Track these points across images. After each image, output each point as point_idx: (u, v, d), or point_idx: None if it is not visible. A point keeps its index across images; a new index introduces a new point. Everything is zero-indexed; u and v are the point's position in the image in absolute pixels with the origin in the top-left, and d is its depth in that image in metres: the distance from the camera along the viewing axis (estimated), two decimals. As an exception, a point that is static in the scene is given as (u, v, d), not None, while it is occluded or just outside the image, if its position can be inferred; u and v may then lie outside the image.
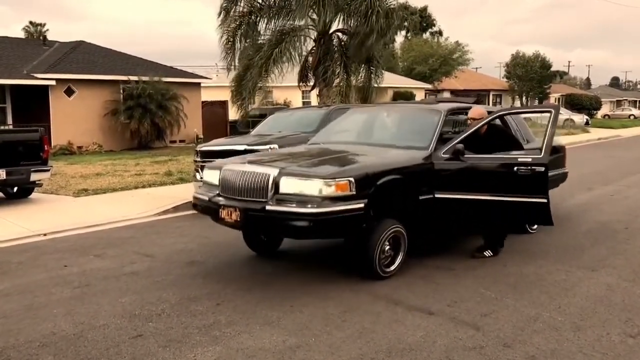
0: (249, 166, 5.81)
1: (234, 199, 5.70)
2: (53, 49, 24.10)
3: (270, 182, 5.47)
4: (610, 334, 4.44)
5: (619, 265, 6.29)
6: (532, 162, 6.04)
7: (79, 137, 21.44)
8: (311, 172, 5.49)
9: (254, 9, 20.14)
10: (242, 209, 5.51)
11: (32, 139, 10.40)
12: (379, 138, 7.12)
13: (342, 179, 5.35)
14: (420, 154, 6.28)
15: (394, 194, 5.90)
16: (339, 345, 4.27)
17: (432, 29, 58.00)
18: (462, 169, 6.23)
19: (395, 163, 6.02)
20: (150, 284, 5.81)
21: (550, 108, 6.55)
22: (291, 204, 5.33)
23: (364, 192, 5.46)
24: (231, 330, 4.56)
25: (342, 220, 5.36)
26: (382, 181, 5.64)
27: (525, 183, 6.03)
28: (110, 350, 4.20)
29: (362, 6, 19.33)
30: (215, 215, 5.80)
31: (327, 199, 5.28)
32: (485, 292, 5.42)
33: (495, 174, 6.20)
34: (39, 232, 8.43)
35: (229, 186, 5.82)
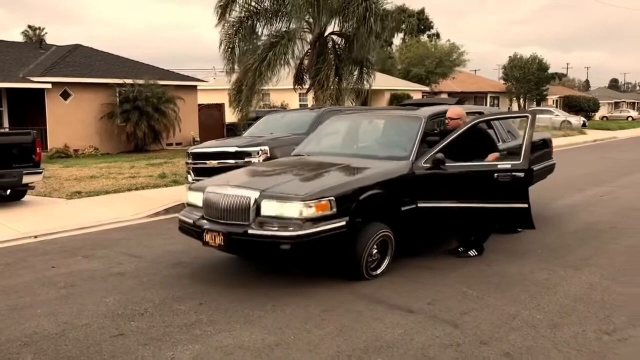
0: (231, 189, 5.77)
1: (217, 222, 5.69)
2: (50, 53, 24.18)
3: (251, 205, 5.47)
4: (587, 331, 4.49)
5: (602, 265, 6.34)
6: (512, 168, 6.08)
7: (75, 140, 21.49)
8: (291, 194, 5.45)
9: (250, 12, 20.21)
10: (225, 233, 5.50)
11: (25, 142, 10.45)
12: (360, 148, 7.15)
13: (322, 199, 5.36)
14: (401, 165, 6.30)
15: (376, 206, 5.91)
16: (317, 343, 4.31)
17: (430, 31, 58.22)
18: (443, 178, 6.25)
19: (376, 177, 6.01)
20: (136, 284, 5.85)
21: (527, 113, 6.61)
22: (273, 227, 5.33)
23: (345, 210, 5.48)
24: (212, 329, 4.60)
25: (324, 240, 5.36)
26: (363, 197, 5.67)
27: (505, 189, 6.08)
28: (91, 349, 4.25)
29: (359, 9, 19.41)
30: (200, 239, 5.79)
31: (309, 220, 5.29)
32: (467, 291, 5.46)
33: (476, 182, 6.24)
34: (29, 234, 8.48)
35: (212, 209, 5.80)
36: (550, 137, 9.72)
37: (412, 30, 56.42)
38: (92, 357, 4.12)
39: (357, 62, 21.17)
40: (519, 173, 6.07)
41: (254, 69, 19.36)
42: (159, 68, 25.37)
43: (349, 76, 21.47)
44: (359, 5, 19.43)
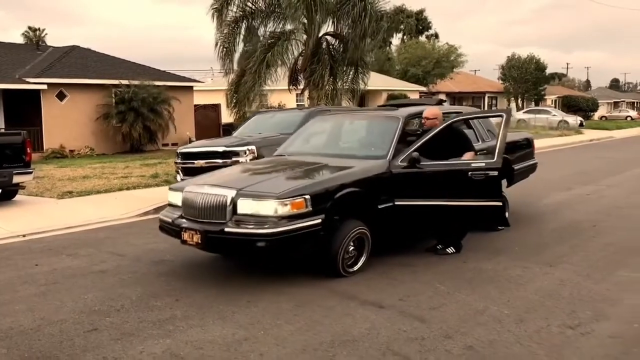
0: (208, 188, 5.86)
1: (195, 221, 5.78)
2: (46, 54, 24.31)
3: (228, 204, 5.56)
4: (551, 326, 4.58)
5: (577, 262, 6.42)
6: (485, 166, 6.17)
7: (71, 140, 21.61)
8: (266, 193, 5.54)
9: (246, 13, 20.30)
10: (202, 232, 5.59)
11: (15, 142, 10.55)
12: (339, 148, 7.24)
13: (297, 197, 5.45)
14: (378, 164, 6.38)
15: (353, 204, 6.00)
16: (286, 337, 4.41)
17: (428, 32, 58.30)
18: (419, 177, 6.34)
19: (353, 175, 6.09)
20: (116, 281, 5.95)
21: (502, 113, 6.70)
22: (249, 225, 5.42)
23: (321, 208, 5.57)
24: (185, 324, 4.70)
25: (300, 237, 5.45)
26: (339, 195, 5.75)
27: (479, 187, 6.17)
28: (64, 344, 4.34)
29: (354, 10, 19.50)
30: (179, 238, 5.88)
31: (284, 218, 5.37)
32: (440, 287, 5.55)
33: (451, 180, 6.34)
34: (17, 233, 8.58)
35: (190, 208, 5.89)
36: (532, 137, 9.81)
37: (411, 31, 56.52)
38: (64, 351, 4.21)
39: (352, 62, 21.28)
40: (493, 172, 6.17)
41: (250, 70, 19.51)
42: (155, 69, 25.48)
43: (344, 76, 21.60)
44: (354, 5, 19.54)
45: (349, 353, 4.11)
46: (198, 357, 4.08)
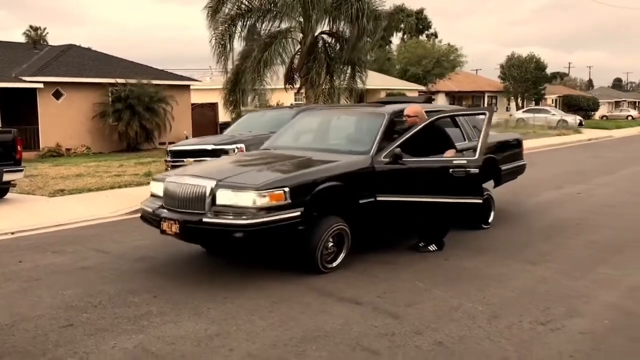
0: (188, 178, 5.90)
1: (175, 211, 5.81)
2: (43, 53, 24.37)
3: (207, 194, 5.59)
4: (523, 322, 4.59)
5: (559, 260, 6.44)
6: (466, 164, 6.19)
7: (67, 139, 21.65)
8: (245, 184, 5.58)
9: (242, 11, 20.32)
10: (180, 221, 5.62)
11: (5, 140, 10.58)
12: (324, 143, 7.25)
13: (276, 189, 5.48)
14: (360, 159, 6.40)
15: (333, 198, 6.03)
16: (258, 332, 4.43)
17: (428, 31, 58.29)
18: (401, 173, 6.35)
19: (334, 170, 6.12)
20: (97, 278, 5.97)
21: (485, 110, 6.71)
22: (228, 216, 5.45)
23: (300, 201, 5.59)
24: (159, 320, 4.72)
25: (278, 229, 5.48)
26: (319, 189, 5.77)
27: (460, 184, 6.19)
28: (37, 339, 4.36)
29: (351, 10, 19.49)
30: (159, 227, 5.91)
31: (262, 209, 5.40)
32: (418, 284, 5.57)
33: (433, 176, 6.35)
34: (6, 230, 8.59)
35: (171, 198, 5.93)
36: (521, 137, 9.79)
37: (411, 30, 56.54)
38: (37, 346, 4.24)
39: (349, 61, 21.30)
40: (474, 169, 6.18)
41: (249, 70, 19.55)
42: (152, 68, 25.52)
43: (341, 75, 21.62)
44: (351, 5, 19.54)
45: (318, 348, 4.13)
46: (169, 352, 4.11)
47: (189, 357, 4.02)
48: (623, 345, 4.16)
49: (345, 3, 19.59)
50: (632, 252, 6.80)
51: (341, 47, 21.17)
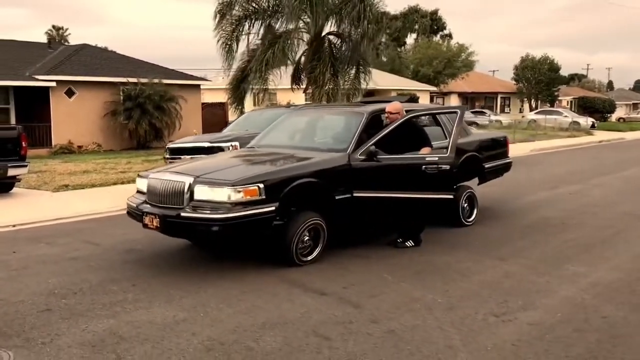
0: (168, 175, 6.21)
1: (156, 206, 6.11)
2: (57, 52, 24.87)
3: (185, 190, 5.87)
4: (478, 314, 4.78)
5: (531, 256, 6.60)
6: (439, 161, 6.39)
7: (79, 137, 22.11)
8: (221, 180, 5.84)
9: (249, 12, 20.61)
10: (160, 216, 5.92)
11: (10, 136, 10.96)
12: (306, 141, 7.48)
13: (251, 185, 5.74)
14: (338, 156, 6.62)
15: (309, 194, 6.26)
16: (222, 319, 4.68)
17: (443, 32, 58.23)
18: (376, 169, 6.57)
19: (310, 166, 6.35)
20: (83, 267, 6.26)
21: (456, 109, 6.91)
22: (205, 211, 5.72)
23: (275, 196, 5.84)
24: (132, 307, 4.99)
25: (253, 223, 5.75)
26: (294, 184, 6.01)
27: (433, 181, 6.40)
28: (15, 322, 4.65)
29: (354, 11, 19.68)
30: (141, 222, 6.21)
31: (238, 204, 5.67)
32: (387, 277, 5.78)
33: (407, 173, 6.58)
34: (8, 223, 8.94)
35: (153, 194, 6.23)
36: (506, 136, 9.92)
37: (425, 31, 56.52)
38: (13, 328, 4.52)
39: (353, 61, 21.49)
40: (445, 165, 6.40)
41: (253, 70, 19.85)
42: (163, 67, 25.92)
43: (345, 75, 21.82)
44: (353, 7, 19.72)
45: (275, 334, 4.37)
46: (134, 335, 4.37)
47: (152, 340, 4.27)
48: (566, 336, 4.33)
49: (346, 5, 19.77)
50: (601, 250, 6.95)
51: (346, 47, 21.40)
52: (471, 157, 8.47)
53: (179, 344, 4.20)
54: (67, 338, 4.32)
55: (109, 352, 4.07)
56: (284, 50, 20.04)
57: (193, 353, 4.05)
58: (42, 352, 4.09)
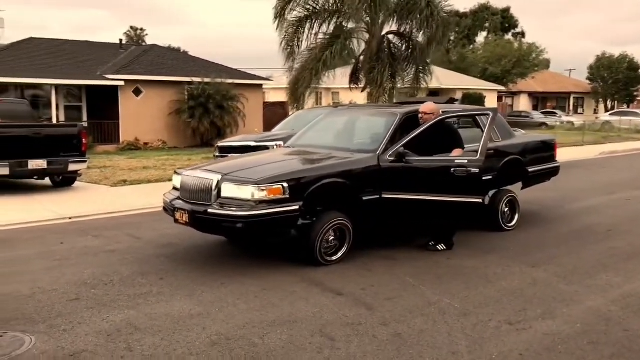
0: (199, 172, 6.44)
1: (187, 202, 6.34)
2: (127, 53, 25.96)
3: (213, 187, 6.07)
4: (492, 320, 4.69)
5: (564, 264, 6.38)
6: (468, 163, 6.29)
7: (145, 134, 23.00)
8: (246, 178, 6.01)
9: (310, 12, 20.81)
10: (189, 212, 6.15)
11: (72, 133, 11.57)
12: (337, 141, 7.50)
13: (275, 184, 5.87)
14: (367, 157, 6.64)
15: (335, 194, 6.33)
16: (235, 315, 4.80)
17: (515, 30, 56.68)
18: (405, 171, 6.54)
19: (337, 167, 6.43)
20: (118, 260, 6.56)
21: (489, 111, 6.75)
22: (231, 208, 5.90)
23: (299, 195, 5.94)
24: (154, 299, 5.19)
25: (277, 221, 5.89)
26: (319, 184, 6.10)
27: (462, 184, 6.31)
28: (45, 309, 4.95)
29: (423, 14, 19.47)
30: (173, 217, 6.46)
31: (261, 202, 5.81)
32: (408, 280, 5.74)
33: (435, 175, 6.53)
34: (65, 216, 9.46)
35: (185, 190, 6.47)
36: (553, 139, 9.55)
37: (496, 29, 55.19)
38: (41, 314, 4.81)
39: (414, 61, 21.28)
40: (474, 169, 6.28)
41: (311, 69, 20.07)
42: (227, 67, 26.55)
43: (404, 75, 21.65)
44: (422, 10, 19.49)
45: (282, 332, 4.45)
46: (148, 327, 4.55)
47: (164, 332, 4.45)
48: (579, 348, 4.18)
49: (414, 7, 19.57)
50: (647, 260, 6.63)
51: (407, 47, 21.26)
52: (513, 161, 8.25)
53: (187, 337, 4.35)
54: (86, 326, 4.56)
55: (121, 342, 4.27)
56: (343, 50, 20.18)
57: (198, 347, 4.18)
58: (61, 338, 4.33)
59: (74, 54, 24.34)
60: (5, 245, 7.30)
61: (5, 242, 7.50)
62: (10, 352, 4.08)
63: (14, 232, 8.11)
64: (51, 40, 25.91)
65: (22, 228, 8.41)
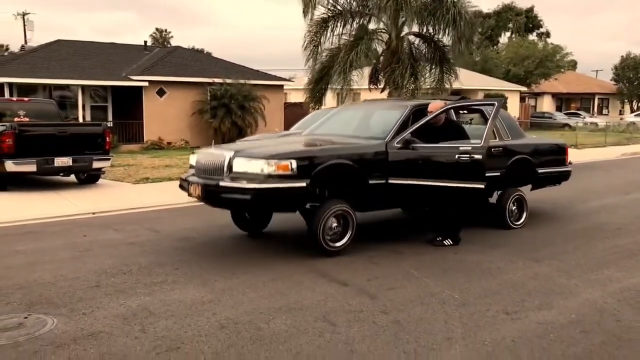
0: (213, 149, 6.86)
1: (200, 177, 6.76)
2: (152, 54, 26.50)
3: (226, 163, 6.44)
4: (490, 310, 4.88)
5: (568, 260, 6.52)
6: (472, 150, 6.54)
7: (168, 133, 23.48)
8: (257, 154, 6.39)
9: (334, 13, 21.04)
10: (202, 185, 6.58)
11: (96, 132, 12.01)
12: (350, 130, 7.78)
13: (283, 160, 6.22)
14: (375, 143, 6.92)
15: (342, 176, 6.62)
16: (244, 302, 5.07)
17: (539, 30, 56.25)
18: (412, 157, 6.83)
19: (344, 149, 6.75)
20: (138, 251, 6.88)
21: (494, 101, 7.04)
22: (241, 181, 6.24)
23: (306, 173, 6.25)
24: (169, 287, 5.49)
25: (283, 195, 6.24)
26: (327, 164, 6.40)
27: (465, 170, 6.57)
28: (67, 295, 5.27)
29: (449, 14, 19.56)
30: (187, 191, 6.83)
31: (271, 177, 6.15)
32: (413, 272, 5.95)
33: (440, 161, 6.82)
34: (88, 211, 9.85)
35: (199, 167, 6.91)
36: (565, 143, 9.58)
37: (520, 29, 54.86)
38: (63, 299, 5.13)
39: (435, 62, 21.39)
40: (478, 155, 6.53)
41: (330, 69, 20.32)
42: (249, 68, 26.94)
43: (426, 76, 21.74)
44: (447, 11, 19.57)
45: (287, 317, 4.70)
46: (162, 311, 4.84)
47: (176, 316, 4.73)
48: (570, 336, 4.36)
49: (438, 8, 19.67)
50: (651, 256, 6.74)
51: (429, 48, 21.37)
52: (522, 160, 8.38)
53: (198, 321, 4.63)
54: (104, 311, 4.86)
55: (136, 324, 4.56)
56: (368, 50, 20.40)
57: (207, 329, 4.46)
58: (81, 320, 4.64)
59: (100, 56, 24.95)
60: (33, 237, 7.68)
61: (33, 234, 7.89)
62: (34, 332, 4.40)
63: (41, 225, 8.50)
64: (78, 42, 26.57)
65: (48, 222, 8.80)
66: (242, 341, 4.25)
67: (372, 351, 4.09)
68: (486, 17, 52.02)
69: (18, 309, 4.90)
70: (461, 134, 7.07)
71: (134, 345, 4.18)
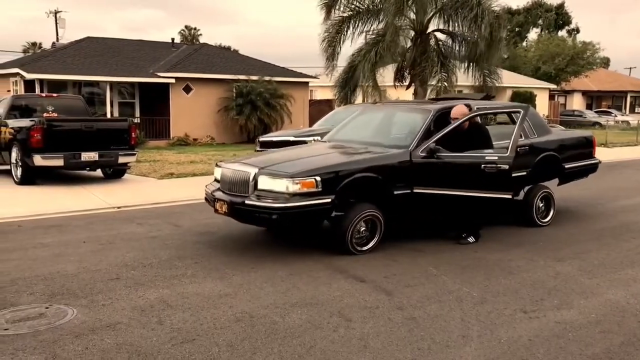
0: (237, 165, 6.79)
1: (226, 193, 6.70)
2: (179, 51, 26.76)
3: (251, 180, 6.39)
4: (507, 309, 4.82)
5: (591, 259, 6.41)
6: (498, 160, 6.42)
7: (194, 130, 23.70)
8: (281, 172, 6.31)
9: (354, 12, 21.00)
10: (228, 202, 6.51)
11: (122, 127, 12.17)
12: (371, 136, 7.65)
13: (308, 177, 6.16)
14: (399, 153, 6.81)
15: (367, 188, 6.56)
16: (260, 296, 5.09)
17: (569, 27, 55.32)
18: (437, 167, 6.70)
19: (369, 162, 6.65)
20: (159, 245, 6.96)
21: (519, 108, 6.84)
22: (267, 199, 6.21)
23: (331, 189, 6.21)
24: (187, 280, 5.54)
25: (309, 213, 6.20)
26: (351, 179, 6.35)
27: (491, 180, 6.44)
28: (87, 286, 5.36)
29: (472, 12, 19.36)
30: (213, 207, 6.83)
31: (295, 195, 6.11)
32: (431, 270, 5.91)
33: (466, 171, 6.68)
34: (114, 205, 10.00)
35: (224, 182, 6.84)
36: (591, 135, 9.45)
37: (549, 26, 54.03)
38: (83, 290, 5.23)
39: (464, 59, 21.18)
40: (504, 165, 6.40)
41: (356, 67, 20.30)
42: (274, 65, 27.05)
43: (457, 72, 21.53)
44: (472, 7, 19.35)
45: (302, 312, 4.71)
46: (180, 304, 4.89)
47: (193, 309, 4.78)
48: (589, 336, 4.29)
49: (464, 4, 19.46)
50: (680, 257, 6.57)
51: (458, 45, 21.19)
52: (549, 157, 8.26)
53: (214, 314, 4.67)
54: (123, 302, 4.94)
55: (153, 316, 4.62)
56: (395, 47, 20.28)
57: (223, 322, 4.49)
58: (100, 311, 4.72)
59: (128, 53, 25.29)
60: (58, 230, 7.83)
61: (58, 227, 8.04)
62: (54, 322, 4.49)
63: (66, 219, 8.65)
64: (107, 40, 26.98)
65: (73, 215, 8.95)
66: (257, 334, 4.28)
67: (386, 347, 4.08)
68: (515, 14, 51.33)
69: (40, 300, 5.01)
70: (486, 141, 6.93)
71: (150, 336, 4.24)
